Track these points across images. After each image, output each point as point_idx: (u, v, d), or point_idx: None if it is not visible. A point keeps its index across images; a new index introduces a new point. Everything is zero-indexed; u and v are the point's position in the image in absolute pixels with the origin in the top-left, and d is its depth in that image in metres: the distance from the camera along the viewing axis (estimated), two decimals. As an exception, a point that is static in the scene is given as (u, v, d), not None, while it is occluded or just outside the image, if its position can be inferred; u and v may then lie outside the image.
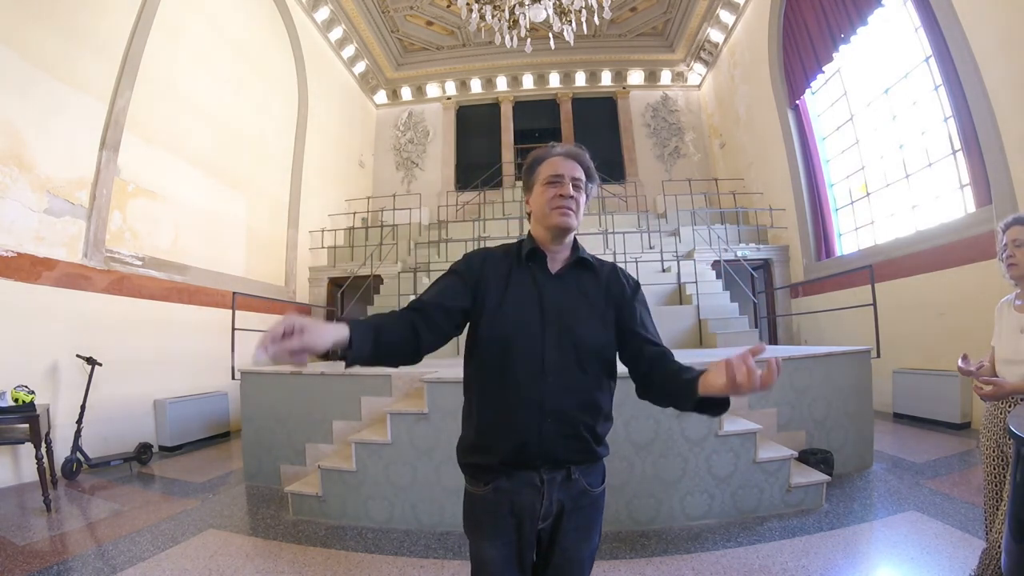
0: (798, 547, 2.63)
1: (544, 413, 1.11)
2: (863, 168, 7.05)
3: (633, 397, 1.25)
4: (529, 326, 1.14)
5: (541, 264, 1.21)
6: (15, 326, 4.21)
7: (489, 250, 1.28)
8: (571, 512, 1.16)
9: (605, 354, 1.20)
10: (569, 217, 1.17)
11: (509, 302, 1.17)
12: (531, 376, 1.12)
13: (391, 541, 2.94)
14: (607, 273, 1.27)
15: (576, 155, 1.22)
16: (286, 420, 3.90)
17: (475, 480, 1.18)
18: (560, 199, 1.17)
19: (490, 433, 1.15)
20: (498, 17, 7.15)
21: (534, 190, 1.23)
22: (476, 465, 1.18)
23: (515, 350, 1.12)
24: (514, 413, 1.12)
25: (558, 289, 1.20)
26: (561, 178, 1.18)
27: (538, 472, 1.13)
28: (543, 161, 1.23)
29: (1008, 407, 1.71)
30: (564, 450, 1.13)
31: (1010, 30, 4.51)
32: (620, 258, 7.29)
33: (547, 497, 1.13)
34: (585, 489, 1.17)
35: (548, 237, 1.21)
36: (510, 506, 1.13)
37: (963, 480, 3.49)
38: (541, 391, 1.11)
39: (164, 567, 2.63)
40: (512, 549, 1.14)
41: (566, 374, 1.13)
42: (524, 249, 1.22)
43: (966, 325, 4.96)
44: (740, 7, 9.53)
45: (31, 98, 4.43)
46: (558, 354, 1.13)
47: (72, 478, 4.29)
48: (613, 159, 11.87)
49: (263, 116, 7.93)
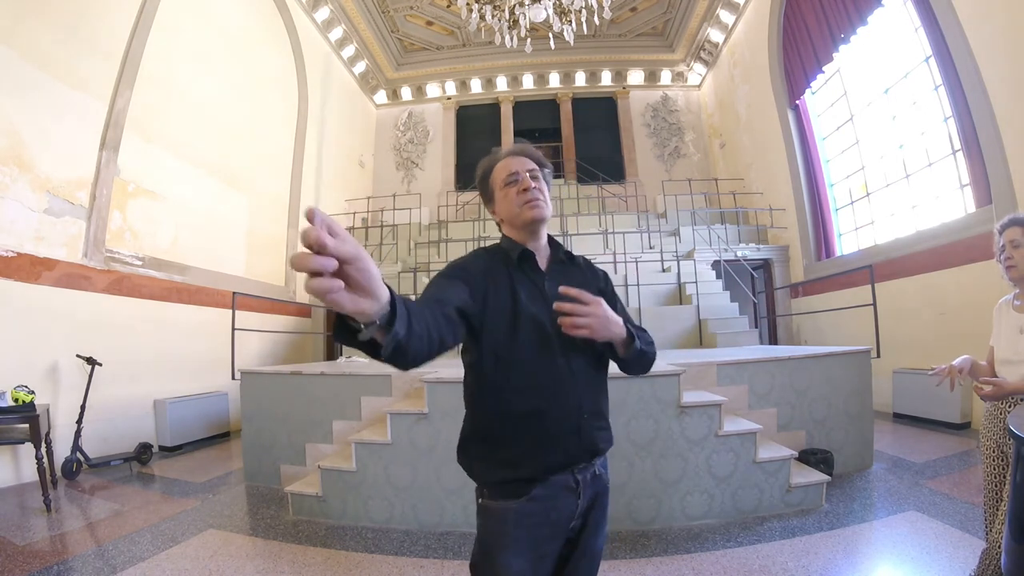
0: (798, 547, 2.63)
1: (579, 410, 1.13)
2: (863, 168, 7.05)
3: (633, 397, 1.26)
4: (548, 327, 1.12)
5: (533, 264, 1.21)
6: (15, 326, 4.21)
7: (482, 253, 1.23)
8: (597, 505, 1.19)
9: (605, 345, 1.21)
10: (540, 208, 1.17)
11: (523, 306, 1.13)
12: (562, 378, 1.11)
13: (391, 541, 2.94)
14: (585, 265, 1.31)
15: (522, 151, 1.23)
16: (286, 420, 3.90)
17: (506, 496, 1.11)
18: (526, 193, 1.17)
19: (525, 445, 1.10)
20: (498, 17, 7.15)
21: (495, 197, 1.22)
22: (509, 480, 1.11)
23: (541, 353, 1.11)
24: (548, 418, 1.10)
25: (555, 285, 1.17)
26: (517, 175, 1.19)
27: (572, 473, 1.13)
28: (493, 167, 1.23)
29: (1008, 407, 1.71)
30: (600, 441, 1.17)
31: (1010, 30, 4.51)
32: (620, 258, 7.30)
33: (583, 496, 1.15)
34: (606, 482, 1.22)
35: (525, 235, 1.21)
36: (546, 514, 1.11)
37: (963, 480, 3.49)
38: (570, 389, 1.12)
39: (164, 567, 2.63)
40: (544, 560, 1.12)
41: (588, 369, 1.16)
42: (515, 252, 1.19)
43: (966, 325, 4.96)
44: (740, 7, 9.53)
45: (31, 98, 4.43)
46: (574, 350, 1.13)
47: (72, 478, 4.29)
48: (613, 159, 11.88)
49: (263, 116, 7.93)
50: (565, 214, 9.21)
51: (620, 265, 7.25)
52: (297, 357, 8.15)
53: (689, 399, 3.11)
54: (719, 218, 9.43)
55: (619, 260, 7.32)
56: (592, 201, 10.35)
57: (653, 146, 11.98)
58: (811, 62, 7.50)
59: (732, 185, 9.92)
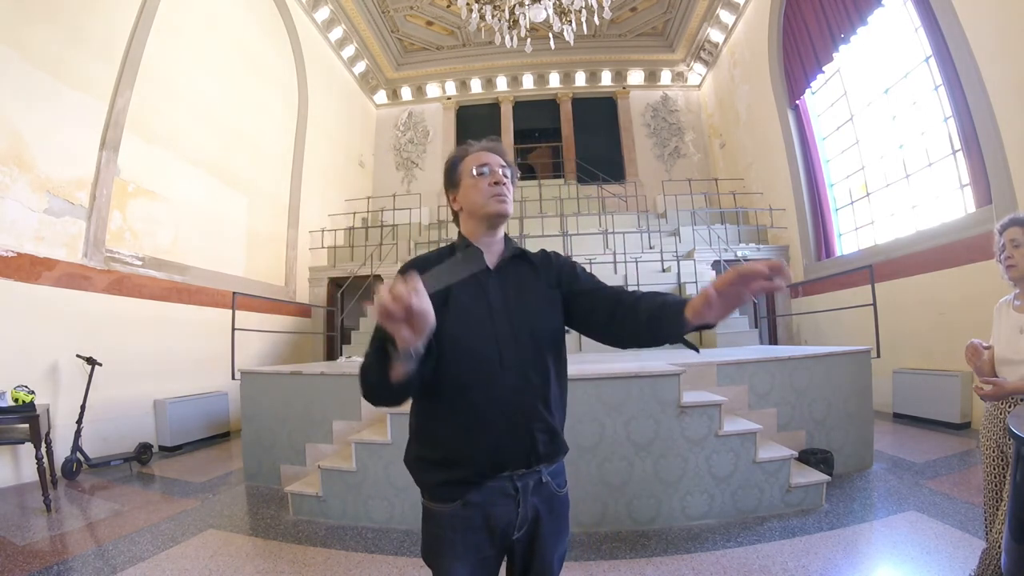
0: (798, 547, 2.63)
1: (511, 411, 1.07)
2: (863, 168, 7.05)
3: (633, 397, 1.26)
4: (480, 324, 1.10)
5: (479, 260, 1.17)
6: (15, 326, 4.21)
7: (417, 260, 1.20)
8: (545, 517, 1.14)
9: (557, 341, 1.18)
10: (506, 204, 1.17)
11: (454, 302, 1.10)
12: (491, 375, 1.07)
13: (391, 541, 2.94)
14: (541, 259, 1.26)
15: (496, 148, 1.23)
16: (286, 420, 3.90)
17: (440, 498, 1.11)
18: (496, 187, 1.16)
19: (457, 444, 1.09)
20: (498, 17, 7.15)
21: (461, 185, 1.20)
22: (442, 482, 1.10)
23: (469, 350, 1.08)
24: (480, 417, 1.07)
25: (500, 283, 1.16)
26: (489, 166, 1.18)
27: (511, 480, 1.09)
28: (464, 157, 1.22)
29: (1008, 407, 1.71)
30: (538, 445, 1.10)
31: (1010, 30, 4.51)
32: (620, 258, 7.30)
33: (523, 504, 1.10)
34: (555, 492, 1.16)
35: (483, 229, 1.18)
36: (484, 520, 1.08)
37: (963, 480, 3.49)
38: (504, 389, 1.07)
39: (164, 567, 2.63)
40: (485, 565, 1.11)
41: (525, 367, 1.10)
42: (460, 250, 1.19)
43: (966, 325, 4.94)
44: (740, 7, 9.53)
45: (31, 98, 4.43)
46: (514, 348, 1.09)
47: (72, 478, 4.29)
48: (613, 159, 11.88)
49: (263, 116, 7.93)
50: (565, 214, 9.20)
51: (620, 265, 7.25)
52: (297, 357, 8.15)
53: (689, 399, 3.10)
54: (719, 218, 9.42)
55: (619, 260, 7.32)
56: (592, 201, 10.35)
57: (653, 146, 11.98)
58: (811, 62, 7.50)
59: (732, 185, 9.92)
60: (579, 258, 7.10)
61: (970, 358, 1.83)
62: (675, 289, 7.02)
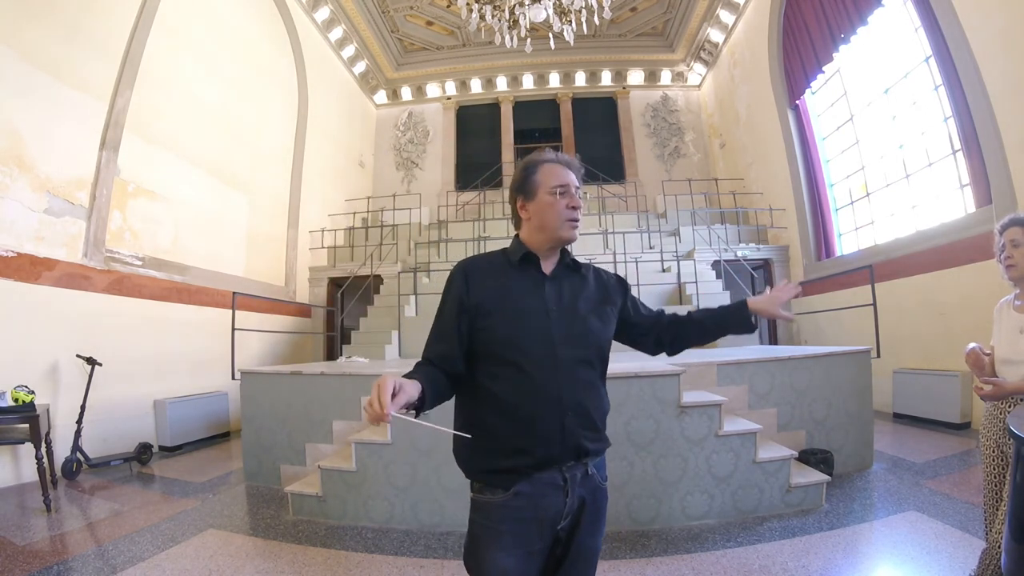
0: (798, 547, 2.63)
1: (564, 407, 1.12)
2: (863, 168, 7.05)
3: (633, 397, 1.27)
4: (537, 323, 1.15)
5: (536, 266, 1.22)
6: (15, 326, 4.21)
7: (471, 261, 1.27)
8: (589, 507, 1.18)
9: (605, 348, 1.24)
10: (577, 230, 1.20)
11: (512, 302, 1.17)
12: (546, 372, 1.12)
13: (391, 541, 2.94)
14: (593, 274, 1.32)
15: (573, 165, 1.23)
16: (286, 420, 3.90)
17: (493, 488, 1.14)
18: (574, 211, 1.18)
19: (511, 436, 1.13)
20: (498, 17, 7.15)
21: (537, 196, 1.20)
22: (496, 471, 1.14)
23: (527, 348, 1.13)
24: (535, 411, 1.12)
25: (558, 289, 1.22)
26: (568, 188, 1.18)
27: (560, 471, 1.13)
28: (541, 166, 1.21)
29: (1008, 407, 1.71)
30: (586, 441, 1.15)
31: (1010, 30, 4.51)
32: (620, 258, 7.29)
33: (571, 495, 1.14)
34: (599, 483, 1.21)
35: (547, 246, 1.22)
36: (533, 511, 1.12)
37: (963, 480, 3.49)
38: (559, 385, 1.12)
39: (164, 567, 2.63)
40: (533, 556, 1.13)
41: (577, 367, 1.16)
42: (516, 255, 1.22)
43: (966, 325, 4.96)
44: (740, 7, 9.53)
45: (31, 98, 4.43)
46: (568, 348, 1.15)
47: (72, 478, 4.29)
48: (613, 159, 11.87)
49: (263, 116, 7.93)
50: (565, 214, 9.18)
51: (620, 265, 7.25)
52: (297, 357, 8.15)
53: (689, 399, 3.11)
54: (719, 218, 9.42)
55: (619, 260, 7.32)
56: (592, 201, 10.34)
57: (653, 146, 11.98)
58: (811, 62, 7.50)
59: (732, 185, 9.92)
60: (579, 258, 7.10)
61: (972, 365, 1.83)
62: (675, 289, 7.02)
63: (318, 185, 9.56)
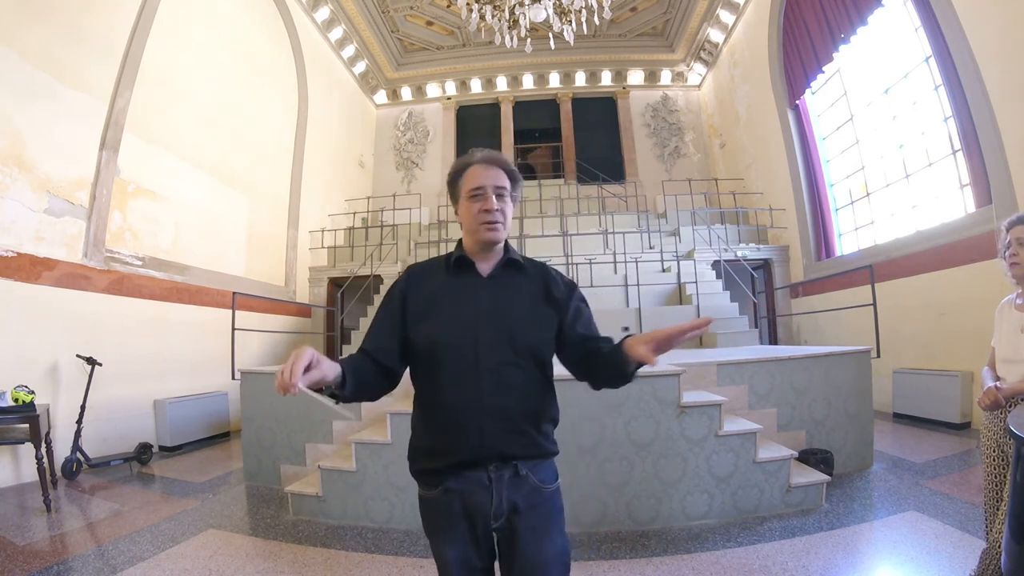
0: (798, 547, 2.63)
1: (484, 411, 1.12)
2: (863, 168, 7.05)
3: (633, 397, 1.26)
4: (461, 327, 1.16)
5: (471, 270, 1.23)
6: (15, 326, 4.21)
7: (413, 266, 1.31)
8: (525, 511, 1.15)
9: (540, 352, 1.20)
10: (497, 231, 1.19)
11: (438, 307, 1.19)
12: (466, 376, 1.13)
13: (391, 541, 2.94)
14: (539, 273, 1.28)
15: (497, 160, 1.23)
16: (286, 420, 3.90)
17: (426, 484, 1.21)
18: (486, 214, 1.17)
19: (435, 436, 1.17)
20: (498, 17, 7.15)
21: (460, 201, 1.23)
22: (425, 470, 1.20)
23: (447, 352, 1.15)
24: (455, 414, 1.14)
25: (490, 290, 1.21)
26: (483, 190, 1.18)
27: (486, 471, 1.13)
28: (463, 172, 1.23)
29: (1008, 407, 1.71)
30: (509, 445, 1.14)
31: (1010, 30, 4.51)
32: (620, 258, 7.30)
33: (496, 495, 1.13)
34: (537, 486, 1.17)
35: (477, 248, 1.23)
36: (462, 506, 1.15)
37: (963, 480, 3.49)
38: (478, 389, 1.12)
39: (164, 567, 2.63)
40: (468, 549, 1.16)
41: (502, 371, 1.14)
42: (452, 258, 1.25)
43: (966, 325, 4.96)
44: (740, 7, 9.53)
45: (31, 98, 4.43)
46: (492, 352, 1.14)
47: (72, 478, 4.29)
48: (613, 159, 11.89)
49: (263, 116, 7.93)
50: (565, 214, 9.21)
51: (620, 265, 7.25)
52: (297, 357, 8.13)
53: (689, 399, 3.10)
54: (719, 218, 9.42)
55: (619, 260, 7.32)
56: (592, 201, 10.35)
57: (653, 146, 11.98)
58: (811, 62, 7.50)
59: (732, 185, 9.92)
60: (579, 258, 7.11)
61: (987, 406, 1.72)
62: (675, 289, 7.03)
63: (318, 185, 9.56)
